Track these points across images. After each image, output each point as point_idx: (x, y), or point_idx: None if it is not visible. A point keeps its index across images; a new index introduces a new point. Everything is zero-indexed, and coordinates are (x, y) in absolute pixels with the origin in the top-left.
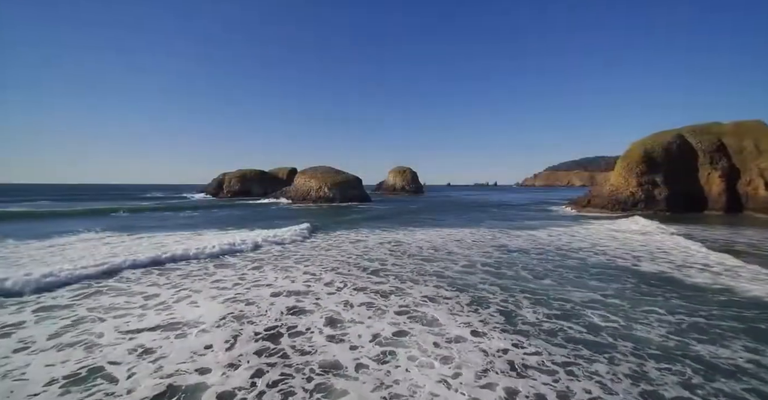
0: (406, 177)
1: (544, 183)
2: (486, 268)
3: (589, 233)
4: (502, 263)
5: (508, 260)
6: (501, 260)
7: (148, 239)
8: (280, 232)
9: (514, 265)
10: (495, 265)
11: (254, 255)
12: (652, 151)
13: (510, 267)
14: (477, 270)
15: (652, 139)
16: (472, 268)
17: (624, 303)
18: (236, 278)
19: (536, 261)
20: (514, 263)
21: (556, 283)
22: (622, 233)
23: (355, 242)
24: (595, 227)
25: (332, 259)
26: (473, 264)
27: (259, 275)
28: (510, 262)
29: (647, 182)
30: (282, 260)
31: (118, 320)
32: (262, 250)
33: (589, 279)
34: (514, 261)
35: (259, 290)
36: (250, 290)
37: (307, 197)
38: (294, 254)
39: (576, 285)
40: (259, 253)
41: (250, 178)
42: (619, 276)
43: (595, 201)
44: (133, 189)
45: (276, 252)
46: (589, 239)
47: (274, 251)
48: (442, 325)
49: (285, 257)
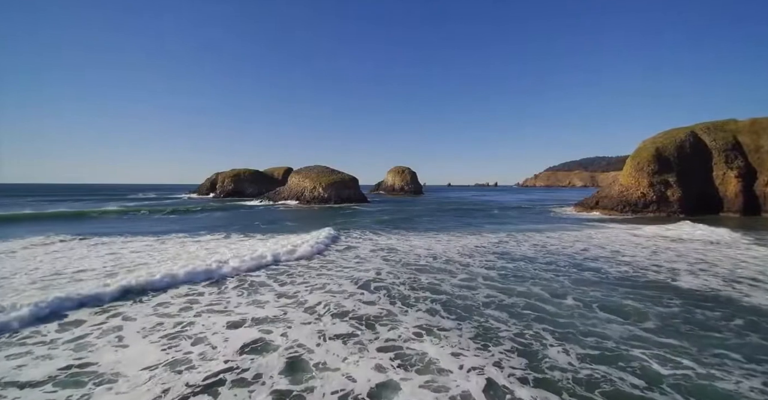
0: (405, 177)
1: (545, 184)
2: (490, 282)
3: (606, 239)
4: (508, 276)
5: (515, 272)
6: (507, 272)
7: (95, 249)
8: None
9: (523, 279)
10: (500, 279)
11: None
12: (664, 150)
13: (519, 281)
14: (479, 285)
15: (663, 137)
16: (473, 281)
17: (682, 341)
18: (182, 305)
19: (549, 274)
20: (523, 276)
21: (581, 305)
22: (647, 238)
23: (344, 249)
24: (610, 231)
25: (314, 272)
26: (474, 277)
27: (215, 299)
28: (518, 274)
29: (659, 183)
30: (247, 275)
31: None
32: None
33: (621, 299)
34: (522, 273)
35: (211, 318)
36: (198, 320)
37: (301, 198)
38: (268, 268)
39: (607, 308)
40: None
41: (244, 178)
42: (658, 297)
43: (603, 202)
44: (128, 189)
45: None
46: (608, 246)
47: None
48: (443, 370)
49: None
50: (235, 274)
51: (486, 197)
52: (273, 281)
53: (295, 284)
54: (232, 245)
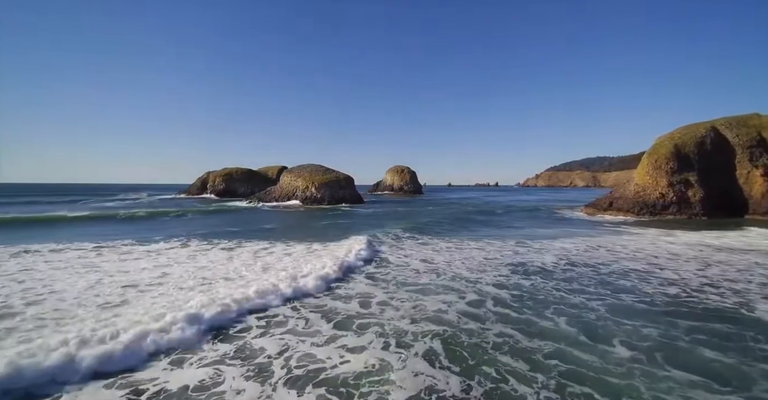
0: (405, 177)
1: (546, 184)
2: (501, 309)
3: (635, 247)
4: (524, 299)
5: (532, 294)
6: (522, 294)
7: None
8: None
9: (544, 304)
10: (515, 304)
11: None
12: (683, 146)
13: (539, 308)
14: (489, 314)
15: (681, 132)
16: (481, 307)
17: None
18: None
19: (577, 297)
20: (543, 300)
21: (636, 353)
22: (685, 245)
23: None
24: (637, 238)
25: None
26: (483, 299)
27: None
28: (537, 297)
29: (679, 182)
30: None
31: None
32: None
33: (692, 343)
34: (542, 295)
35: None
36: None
37: (293, 198)
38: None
39: (680, 362)
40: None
41: (236, 178)
42: (741, 339)
43: (618, 204)
44: (120, 189)
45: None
46: (640, 256)
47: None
48: None
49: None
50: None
51: (487, 198)
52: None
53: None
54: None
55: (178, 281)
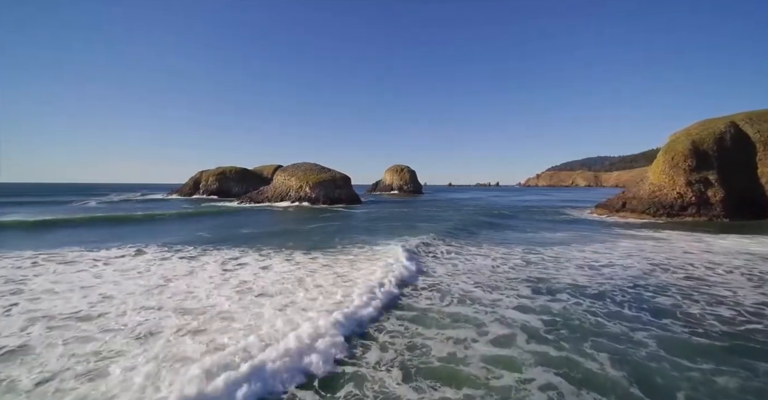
0: (404, 176)
1: (548, 183)
2: (536, 345)
3: (667, 255)
4: (558, 327)
5: (566, 319)
6: (552, 318)
7: None
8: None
9: (581, 334)
10: (548, 333)
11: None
12: (701, 143)
13: (576, 342)
14: (523, 353)
15: (699, 128)
16: (510, 345)
17: None
18: None
19: (616, 324)
20: (579, 328)
21: None
22: (721, 253)
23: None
24: (664, 244)
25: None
26: (511, 332)
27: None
28: (570, 323)
29: (698, 181)
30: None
31: None
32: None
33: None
34: (575, 320)
35: None
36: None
37: (286, 198)
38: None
39: None
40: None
41: (230, 177)
42: None
43: (631, 204)
44: (111, 189)
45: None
46: (675, 266)
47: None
48: None
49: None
50: None
51: (491, 198)
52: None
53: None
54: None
55: (113, 317)
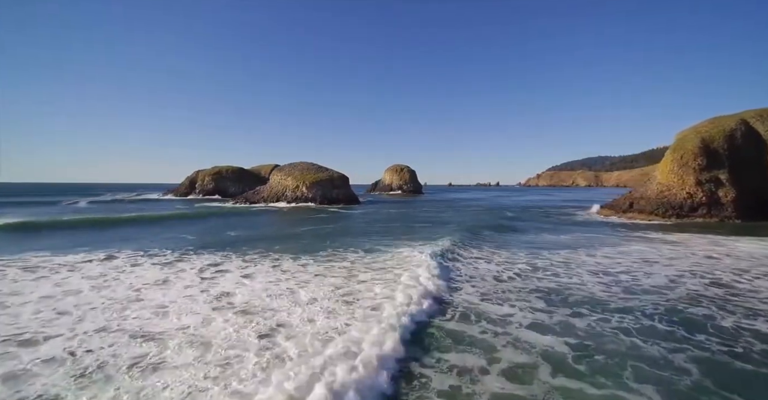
0: (404, 176)
1: (548, 183)
2: (565, 379)
3: (690, 261)
4: (590, 353)
5: (598, 342)
6: (580, 342)
7: None
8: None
9: (617, 361)
10: (578, 363)
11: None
12: (711, 141)
13: (614, 372)
14: (551, 391)
15: (708, 126)
16: (529, 381)
17: None
18: None
19: (651, 344)
20: (614, 355)
21: None
22: (745, 259)
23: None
24: (679, 248)
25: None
26: (531, 361)
27: None
28: (604, 347)
29: (709, 180)
30: None
31: None
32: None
33: None
34: (606, 344)
35: None
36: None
37: (282, 198)
38: None
39: None
40: None
41: (226, 177)
42: None
43: (639, 205)
44: (118, 189)
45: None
46: (700, 274)
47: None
48: None
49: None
50: None
51: (490, 198)
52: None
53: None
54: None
55: (61, 343)
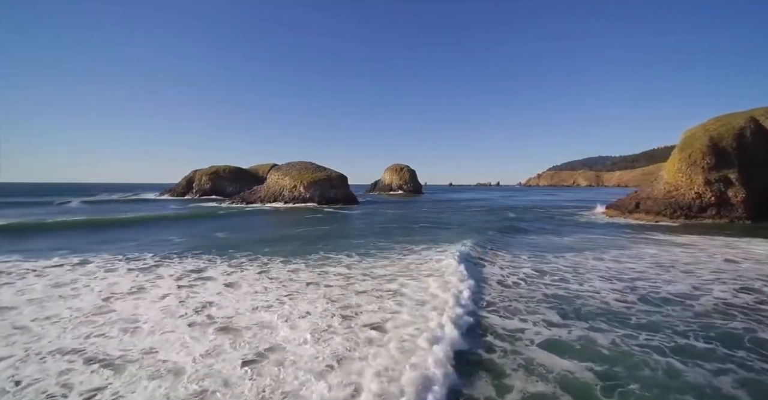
0: (404, 176)
1: (549, 183)
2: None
3: (707, 266)
4: (622, 381)
5: (626, 365)
6: (602, 369)
7: None
8: None
9: (655, 392)
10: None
11: None
12: (720, 139)
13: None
14: None
15: (716, 124)
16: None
17: None
18: None
19: (692, 366)
20: (651, 383)
21: None
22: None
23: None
24: (694, 250)
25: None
26: (549, 389)
27: None
28: (641, 375)
29: (718, 180)
30: None
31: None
32: None
33: None
34: (643, 370)
35: None
36: None
37: (279, 198)
38: None
39: None
40: None
41: (224, 176)
42: None
43: (645, 205)
44: (113, 188)
45: None
46: (724, 280)
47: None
48: None
49: None
50: None
51: (491, 198)
52: None
53: None
54: None
55: (3, 370)
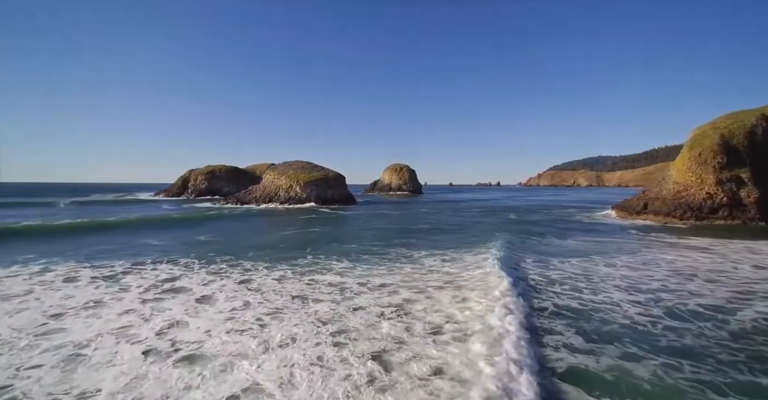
0: (404, 175)
1: (549, 183)
2: None
3: (735, 273)
4: None
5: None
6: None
7: None
8: None
9: None
10: None
11: None
12: (730, 137)
13: None
14: None
15: (727, 121)
16: None
17: None
18: None
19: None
20: None
21: None
22: None
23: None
24: (713, 255)
25: None
26: None
27: None
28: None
29: (730, 180)
30: None
31: None
32: None
33: None
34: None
35: None
36: None
37: (275, 199)
38: None
39: None
40: None
41: (220, 176)
42: None
43: (654, 205)
44: (111, 189)
45: None
46: (762, 290)
47: None
48: None
49: None
50: None
51: (491, 199)
52: None
53: None
54: None
55: None
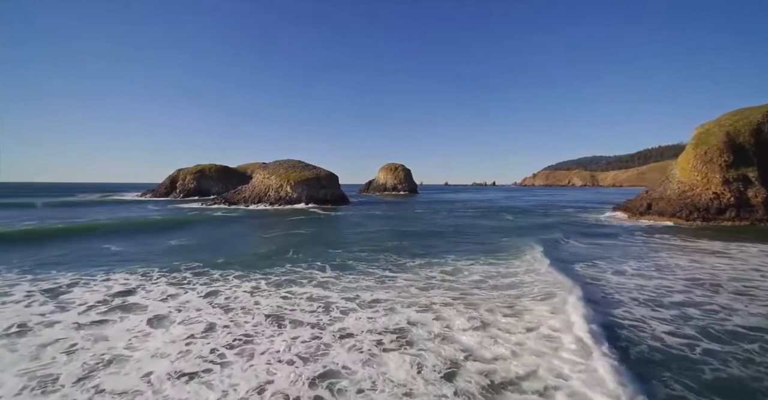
0: (399, 175)
1: (545, 183)
2: None
3: (763, 282)
4: None
5: None
6: None
7: None
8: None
9: None
10: None
11: None
12: (736, 135)
13: None
14: None
15: (732, 119)
16: None
17: None
18: None
19: None
20: None
21: None
22: None
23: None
24: (732, 261)
25: None
26: None
27: None
28: None
29: (736, 179)
30: None
31: None
32: None
33: None
34: None
35: None
36: None
37: (265, 199)
38: None
39: None
40: None
41: (209, 175)
42: None
43: (658, 206)
44: (108, 188)
45: None
46: None
47: None
48: None
49: None
50: None
51: (487, 199)
52: None
53: None
54: None
55: None
